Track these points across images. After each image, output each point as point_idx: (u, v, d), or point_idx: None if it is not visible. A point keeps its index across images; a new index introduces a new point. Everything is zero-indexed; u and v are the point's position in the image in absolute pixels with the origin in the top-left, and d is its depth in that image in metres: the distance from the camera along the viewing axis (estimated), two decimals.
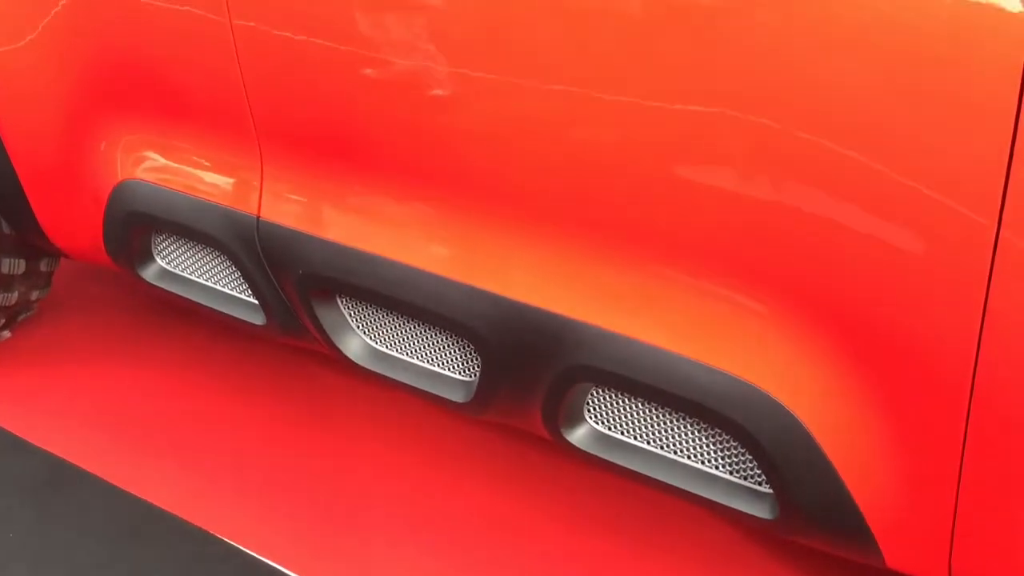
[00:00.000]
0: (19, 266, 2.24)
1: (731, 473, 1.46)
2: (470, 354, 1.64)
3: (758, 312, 1.31)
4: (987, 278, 1.13)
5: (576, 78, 1.32)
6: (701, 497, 1.47)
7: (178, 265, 1.95)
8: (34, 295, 2.36)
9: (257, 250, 1.74)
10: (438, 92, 1.44)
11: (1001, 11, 1.05)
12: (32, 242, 2.15)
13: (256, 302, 1.86)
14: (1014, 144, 1.07)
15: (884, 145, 1.14)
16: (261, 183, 1.72)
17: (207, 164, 1.78)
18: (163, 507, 1.93)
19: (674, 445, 1.50)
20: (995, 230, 1.10)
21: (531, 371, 1.51)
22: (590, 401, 1.54)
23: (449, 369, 1.68)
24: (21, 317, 2.42)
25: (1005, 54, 1.05)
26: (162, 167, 1.84)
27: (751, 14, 1.18)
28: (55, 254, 2.23)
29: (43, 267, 2.31)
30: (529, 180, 1.42)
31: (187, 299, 1.93)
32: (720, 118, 1.23)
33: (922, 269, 1.17)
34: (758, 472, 1.43)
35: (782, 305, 1.29)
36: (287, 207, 1.69)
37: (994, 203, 1.09)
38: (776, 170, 1.22)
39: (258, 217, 1.73)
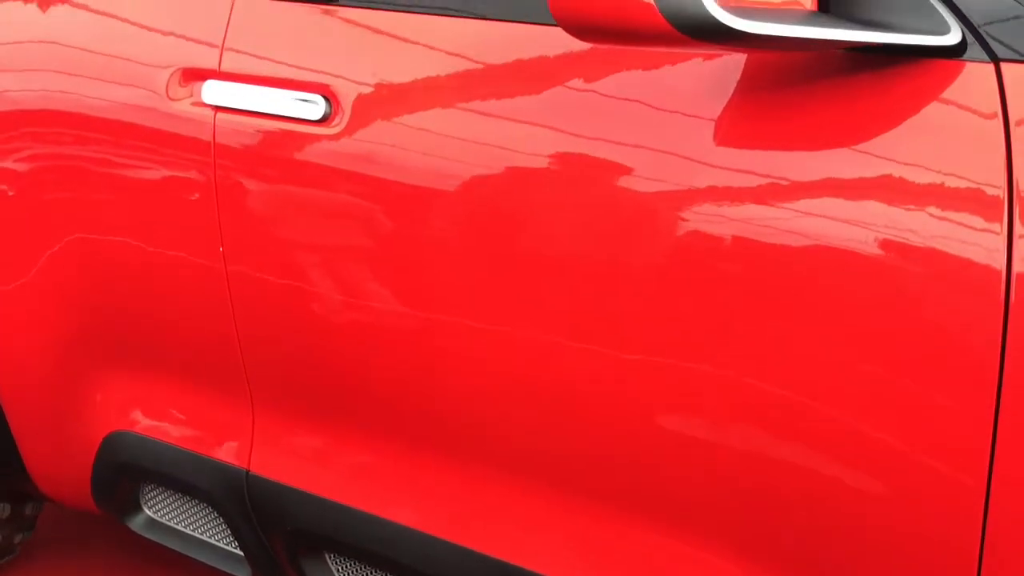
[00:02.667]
0: (4, 510, 2.22)
1: None
2: None
3: None
4: (980, 539, 1.12)
5: (570, 333, 1.34)
6: None
7: (165, 515, 1.93)
8: (17, 538, 2.32)
9: (246, 504, 1.72)
10: (431, 348, 1.46)
11: (980, 277, 1.08)
12: (18, 487, 2.13)
13: (242, 554, 1.82)
14: (999, 403, 1.08)
15: (868, 407, 1.15)
16: (252, 436, 1.72)
17: (199, 416, 1.79)
18: None
19: None
20: (985, 490, 1.10)
21: None
22: None
23: None
24: (3, 560, 2.37)
25: (984, 313, 1.07)
26: (153, 418, 1.84)
27: (735, 277, 1.21)
28: (41, 499, 2.21)
29: (28, 511, 2.29)
30: (523, 441, 1.42)
31: (172, 549, 1.89)
32: (710, 378, 1.24)
33: (912, 532, 1.16)
34: None
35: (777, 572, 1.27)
36: (278, 461, 1.68)
37: (983, 464, 1.10)
38: (764, 434, 1.22)
39: (248, 471, 1.72)
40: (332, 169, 1.49)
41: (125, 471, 1.88)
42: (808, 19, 1.07)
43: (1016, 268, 1.06)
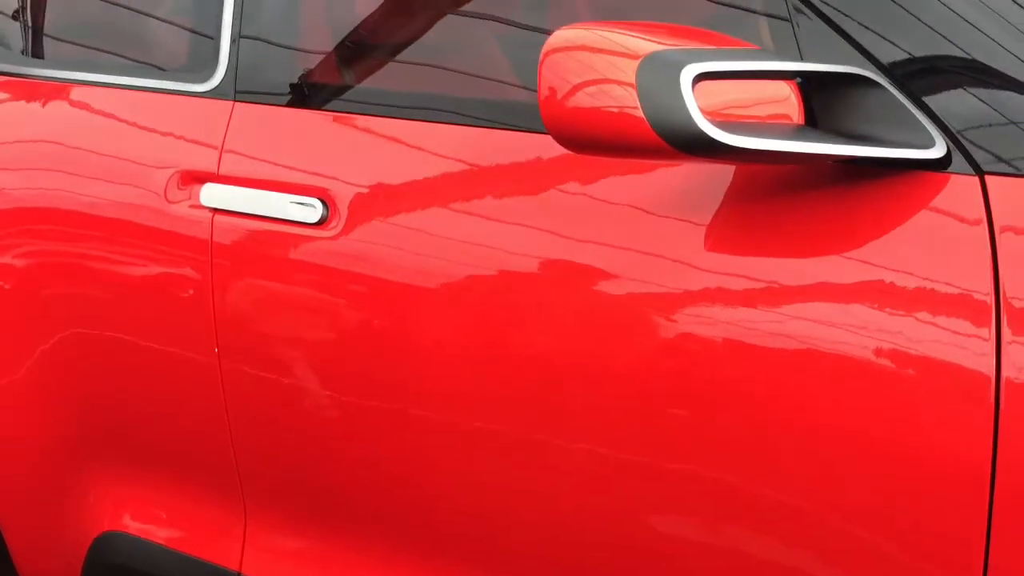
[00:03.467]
0: None
1: None
2: None
3: None
4: None
5: (561, 435, 1.34)
6: None
7: None
8: None
9: None
10: (425, 449, 1.46)
11: (970, 381, 1.09)
12: None
13: None
14: (992, 507, 1.09)
15: (859, 511, 1.16)
16: (244, 538, 1.71)
17: (191, 517, 1.78)
18: None
19: None
20: None
21: None
22: None
23: None
24: None
25: (975, 418, 1.08)
26: (145, 519, 1.83)
27: (724, 379, 1.22)
28: None
29: None
30: (516, 544, 1.42)
31: None
32: (699, 479, 1.24)
33: None
34: None
35: None
36: (271, 563, 1.67)
37: (977, 570, 1.10)
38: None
39: (240, 573, 1.70)
40: (328, 272, 1.51)
41: (116, 573, 1.86)
42: (796, 133, 1.10)
43: (1005, 373, 1.07)
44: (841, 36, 1.18)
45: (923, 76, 1.17)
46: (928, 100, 1.14)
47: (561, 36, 1.11)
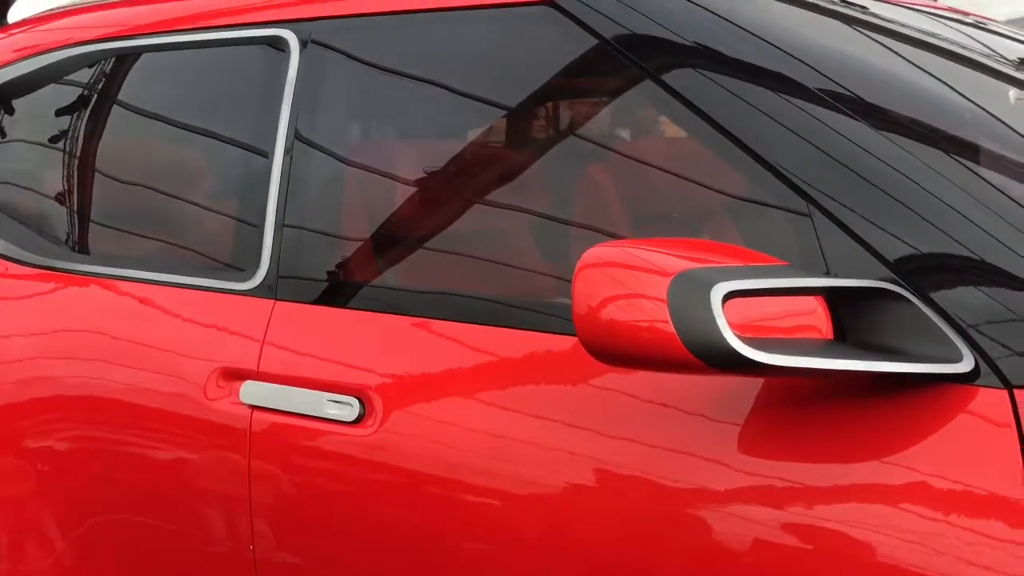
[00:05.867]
0: None
1: None
2: None
3: None
4: None
5: None
6: None
7: None
8: None
9: None
10: None
11: None
12: None
13: None
14: None
15: None
16: None
17: None
18: None
19: None
20: None
21: None
22: None
23: None
24: None
25: None
26: None
27: None
28: None
29: None
30: None
31: None
32: None
33: None
34: None
35: None
36: None
37: None
38: None
39: None
40: (366, 469, 1.52)
41: None
42: (825, 349, 1.12)
43: None
44: (847, 234, 1.23)
45: (931, 275, 1.20)
46: (939, 299, 1.17)
47: (594, 253, 1.15)
